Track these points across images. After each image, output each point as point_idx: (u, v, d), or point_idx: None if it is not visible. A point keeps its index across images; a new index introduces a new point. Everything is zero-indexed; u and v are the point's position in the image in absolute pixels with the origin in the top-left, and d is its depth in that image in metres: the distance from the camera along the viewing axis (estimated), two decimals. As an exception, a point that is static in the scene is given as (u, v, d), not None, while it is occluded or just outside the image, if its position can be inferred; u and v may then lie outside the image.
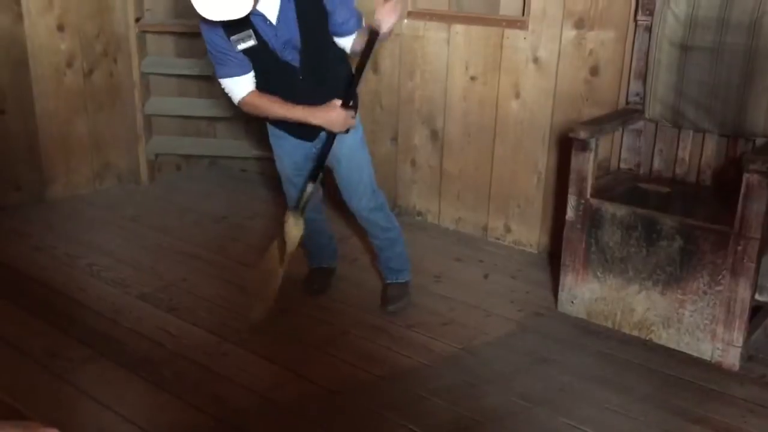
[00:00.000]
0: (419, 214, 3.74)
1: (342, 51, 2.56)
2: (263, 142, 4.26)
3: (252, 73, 2.49)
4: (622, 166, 2.97)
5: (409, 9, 3.48)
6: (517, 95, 3.25)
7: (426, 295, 2.95)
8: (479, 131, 3.41)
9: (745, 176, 2.28)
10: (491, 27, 3.25)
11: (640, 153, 2.93)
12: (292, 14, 2.39)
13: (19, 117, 3.63)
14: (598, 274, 2.67)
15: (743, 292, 2.38)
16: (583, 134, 2.61)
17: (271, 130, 2.68)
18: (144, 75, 4.03)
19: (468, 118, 3.43)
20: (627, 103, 2.92)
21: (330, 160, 2.64)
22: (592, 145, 2.60)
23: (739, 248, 2.34)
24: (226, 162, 4.41)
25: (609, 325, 2.69)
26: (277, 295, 2.64)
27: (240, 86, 2.48)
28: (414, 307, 2.85)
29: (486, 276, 3.16)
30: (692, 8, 2.66)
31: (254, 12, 2.32)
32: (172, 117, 4.20)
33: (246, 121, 4.32)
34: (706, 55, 2.66)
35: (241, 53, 2.42)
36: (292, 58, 2.45)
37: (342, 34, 2.49)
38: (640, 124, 2.89)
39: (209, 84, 3.92)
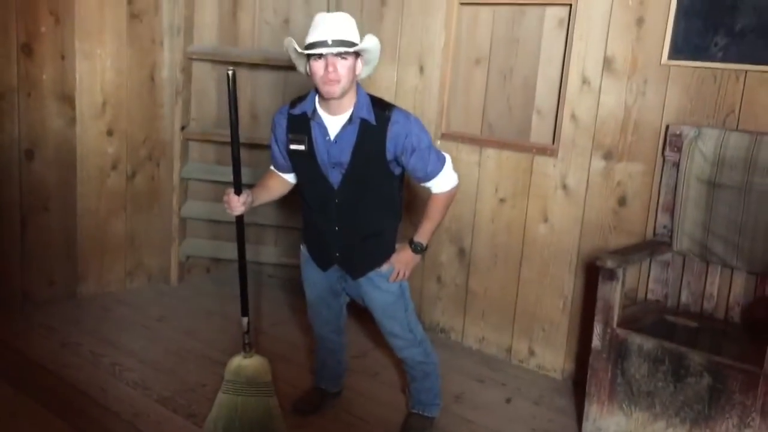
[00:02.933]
0: (443, 331, 3.73)
1: (394, 200, 2.56)
2: (291, 249, 4.36)
3: (289, 175, 2.62)
4: (650, 296, 2.96)
5: (443, 131, 3.61)
6: (545, 220, 3.30)
7: (446, 415, 2.89)
8: (506, 253, 3.44)
9: (775, 317, 2.27)
10: (522, 153, 3.35)
11: (667, 285, 2.93)
12: (353, 139, 2.40)
13: (60, 215, 3.76)
14: (624, 406, 2.62)
15: (774, 437, 2.30)
16: (610, 263, 2.62)
17: (302, 250, 2.69)
18: (183, 180, 4.18)
19: (496, 239, 3.47)
20: (654, 234, 2.95)
21: (365, 301, 2.63)
22: (619, 274, 2.61)
23: (770, 390, 2.29)
24: (255, 267, 4.47)
25: (634, 461, 2.61)
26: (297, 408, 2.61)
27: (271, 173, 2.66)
28: (432, 426, 2.80)
29: (508, 400, 3.11)
30: (719, 148, 2.73)
31: (317, 120, 2.40)
32: (206, 221, 4.31)
33: (276, 227, 4.42)
34: (734, 193, 2.70)
35: (285, 152, 2.51)
36: (336, 179, 2.45)
37: (420, 180, 2.51)
38: (667, 256, 2.90)
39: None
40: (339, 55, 2.27)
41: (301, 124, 2.43)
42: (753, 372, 2.33)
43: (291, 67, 4.08)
